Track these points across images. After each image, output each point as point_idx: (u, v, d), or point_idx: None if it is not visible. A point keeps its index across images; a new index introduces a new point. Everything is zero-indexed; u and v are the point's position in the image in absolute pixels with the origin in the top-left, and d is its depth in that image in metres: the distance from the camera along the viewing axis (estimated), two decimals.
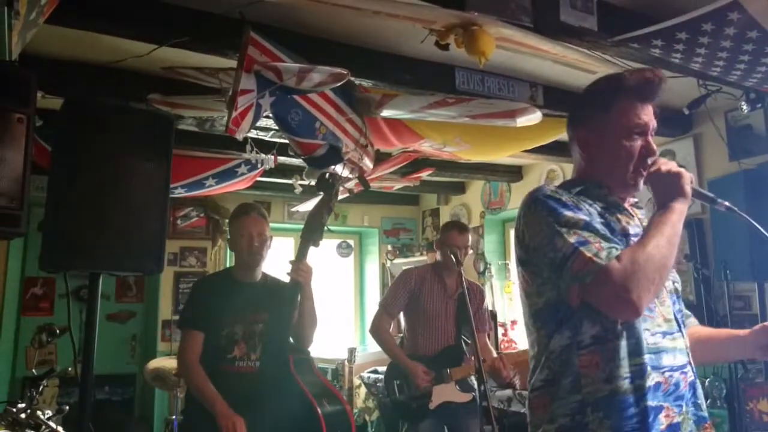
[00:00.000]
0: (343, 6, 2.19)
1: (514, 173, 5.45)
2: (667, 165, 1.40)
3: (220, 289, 2.61)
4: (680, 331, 1.40)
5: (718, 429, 3.42)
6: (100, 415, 4.89)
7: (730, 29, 2.32)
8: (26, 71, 1.55)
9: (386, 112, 3.06)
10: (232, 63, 2.45)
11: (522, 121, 2.95)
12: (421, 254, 6.26)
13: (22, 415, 2.22)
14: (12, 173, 1.43)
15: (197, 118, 3.40)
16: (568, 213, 1.33)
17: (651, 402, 1.28)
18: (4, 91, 1.47)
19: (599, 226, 1.34)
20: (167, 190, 1.93)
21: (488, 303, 4.88)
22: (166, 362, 3.87)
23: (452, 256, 3.14)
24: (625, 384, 1.28)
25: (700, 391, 1.40)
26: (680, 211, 1.35)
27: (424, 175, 4.86)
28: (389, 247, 6.54)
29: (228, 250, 5.87)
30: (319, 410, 2.25)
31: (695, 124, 4.05)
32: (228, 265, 5.72)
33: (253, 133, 3.60)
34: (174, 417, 4.03)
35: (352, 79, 2.71)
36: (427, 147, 3.83)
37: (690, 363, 1.39)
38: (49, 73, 2.90)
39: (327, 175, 2.56)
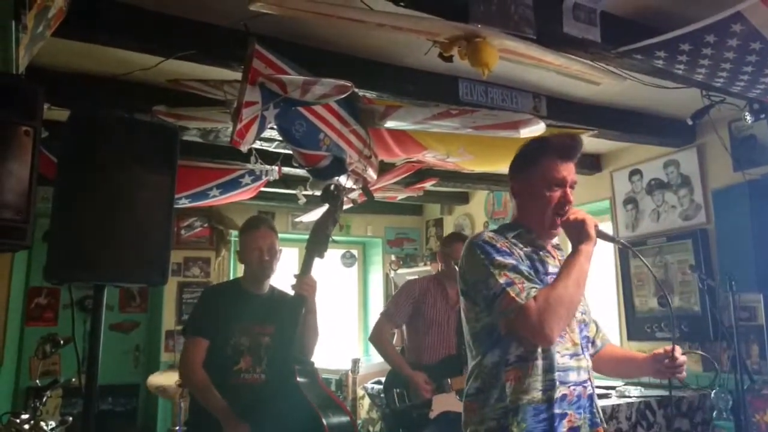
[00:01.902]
0: (347, 19, 2.20)
1: None
2: (575, 214, 1.72)
3: (228, 299, 2.62)
4: (584, 353, 1.72)
5: None
6: (103, 426, 4.89)
7: (733, 41, 2.32)
8: (33, 84, 1.56)
9: (390, 123, 3.07)
10: (237, 75, 2.47)
11: (525, 132, 2.96)
12: (425, 264, 6.25)
13: (26, 426, 2.22)
14: (18, 186, 1.43)
15: (201, 129, 3.42)
16: (500, 258, 1.63)
17: (557, 410, 1.60)
18: (11, 103, 1.47)
19: (525, 269, 1.64)
20: (172, 201, 1.93)
21: None
22: (168, 378, 3.85)
23: (456, 267, 3.14)
24: (539, 395, 1.60)
25: (596, 402, 1.73)
26: (586, 251, 1.66)
27: (428, 185, 4.86)
28: (393, 257, 6.53)
29: (232, 261, 5.87)
30: (324, 422, 2.24)
31: (699, 135, 4.05)
32: (232, 276, 5.74)
33: (257, 144, 3.60)
34: (177, 428, 4.02)
35: (356, 90, 2.72)
36: (430, 157, 3.83)
37: (590, 379, 1.72)
38: (55, 85, 2.92)
39: (332, 186, 2.56)
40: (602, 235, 1.75)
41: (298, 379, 2.36)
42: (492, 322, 1.65)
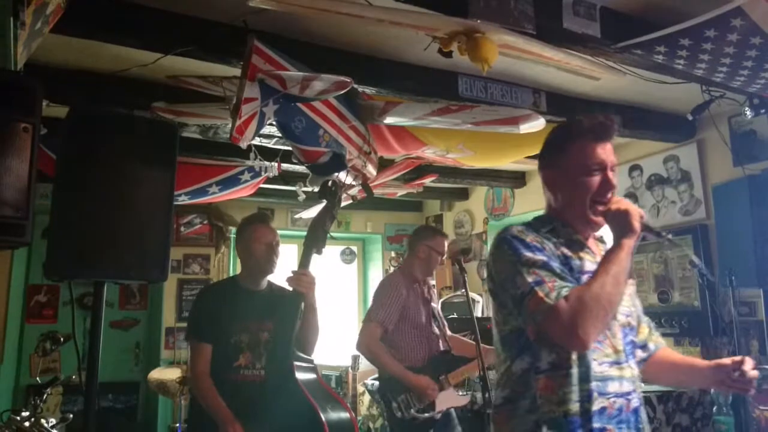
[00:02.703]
0: (346, 14, 2.19)
1: (518, 179, 5.45)
2: (618, 204, 1.53)
3: (226, 298, 2.62)
4: (628, 361, 1.54)
5: None
6: (104, 423, 4.90)
7: (733, 35, 2.32)
8: (32, 81, 1.56)
9: (389, 119, 3.06)
10: (236, 71, 2.46)
11: (525, 128, 2.95)
12: None
13: (26, 423, 2.22)
14: (17, 183, 1.43)
15: (200, 125, 3.41)
16: (529, 254, 1.48)
17: (596, 424, 1.43)
18: (10, 100, 1.47)
19: (556, 266, 1.47)
20: (171, 198, 1.93)
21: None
22: (168, 373, 3.86)
23: (457, 264, 3.16)
24: (575, 407, 1.44)
25: (643, 416, 1.55)
26: (628, 246, 1.48)
27: (428, 181, 4.86)
28: (392, 254, 6.53)
29: (232, 258, 5.86)
30: (323, 418, 2.24)
31: (699, 130, 4.04)
32: (232, 272, 5.73)
33: (256, 141, 3.60)
34: (178, 425, 4.02)
35: (356, 86, 2.72)
36: (430, 154, 3.83)
37: (635, 390, 1.53)
38: (54, 81, 2.91)
39: (330, 182, 2.55)
40: (648, 229, 1.55)
41: (298, 375, 2.35)
42: (521, 325, 1.49)
